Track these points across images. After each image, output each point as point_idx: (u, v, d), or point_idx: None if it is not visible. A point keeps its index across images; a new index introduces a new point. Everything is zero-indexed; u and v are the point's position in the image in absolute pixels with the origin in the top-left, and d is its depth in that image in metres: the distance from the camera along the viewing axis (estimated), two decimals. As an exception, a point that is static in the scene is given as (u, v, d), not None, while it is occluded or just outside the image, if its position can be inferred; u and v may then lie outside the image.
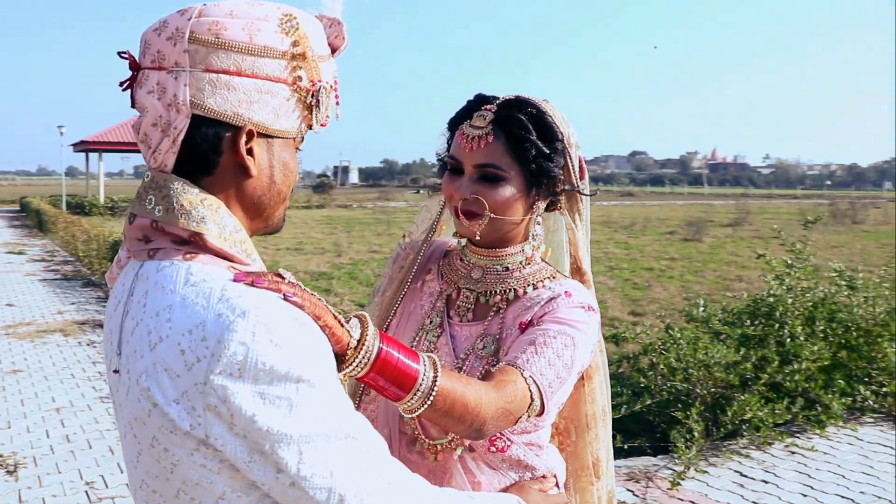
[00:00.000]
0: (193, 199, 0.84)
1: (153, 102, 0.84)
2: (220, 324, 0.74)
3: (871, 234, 20.19)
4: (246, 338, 0.74)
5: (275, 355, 0.74)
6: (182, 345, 0.75)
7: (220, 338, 0.74)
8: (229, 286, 0.78)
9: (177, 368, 0.75)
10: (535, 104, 1.19)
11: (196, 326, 0.75)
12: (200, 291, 0.78)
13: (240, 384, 0.73)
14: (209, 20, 0.83)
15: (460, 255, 1.32)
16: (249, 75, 0.84)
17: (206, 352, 0.74)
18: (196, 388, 0.74)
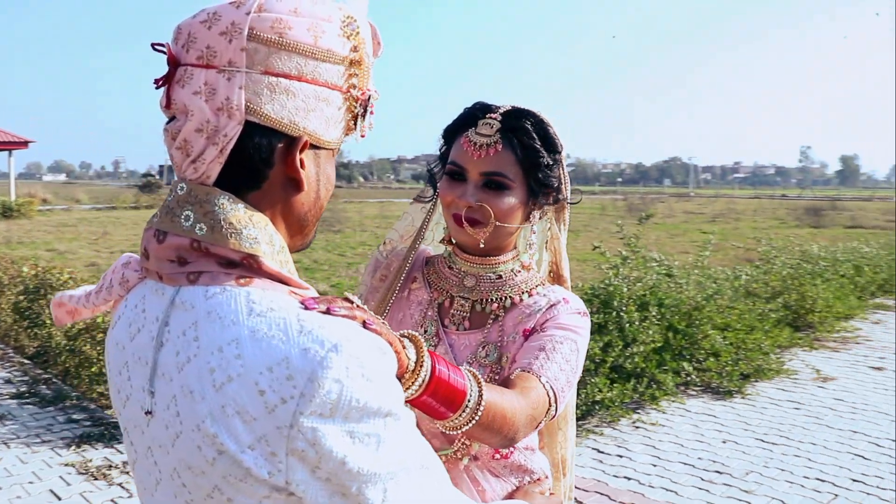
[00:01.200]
0: (242, 216, 0.75)
1: (200, 105, 0.74)
2: (308, 359, 0.66)
3: (662, 226, 22.70)
4: (340, 374, 0.66)
5: (368, 391, 0.68)
6: (260, 384, 0.66)
7: (311, 375, 0.66)
8: (305, 316, 0.70)
9: (254, 411, 0.66)
10: (536, 115, 1.22)
11: (277, 363, 0.66)
12: (273, 322, 0.69)
13: (330, 425, 0.66)
14: (272, 17, 0.74)
15: (447, 262, 1.31)
16: (310, 81, 0.76)
17: (294, 391, 0.65)
18: (279, 431, 0.66)
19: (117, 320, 0.85)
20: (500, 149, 1.18)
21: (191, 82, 0.75)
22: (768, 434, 4.50)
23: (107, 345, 0.88)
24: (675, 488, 3.72)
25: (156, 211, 0.82)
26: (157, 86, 0.78)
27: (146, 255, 0.80)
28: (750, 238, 14.52)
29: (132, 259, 0.88)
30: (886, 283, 9.68)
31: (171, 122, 0.78)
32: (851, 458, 4.12)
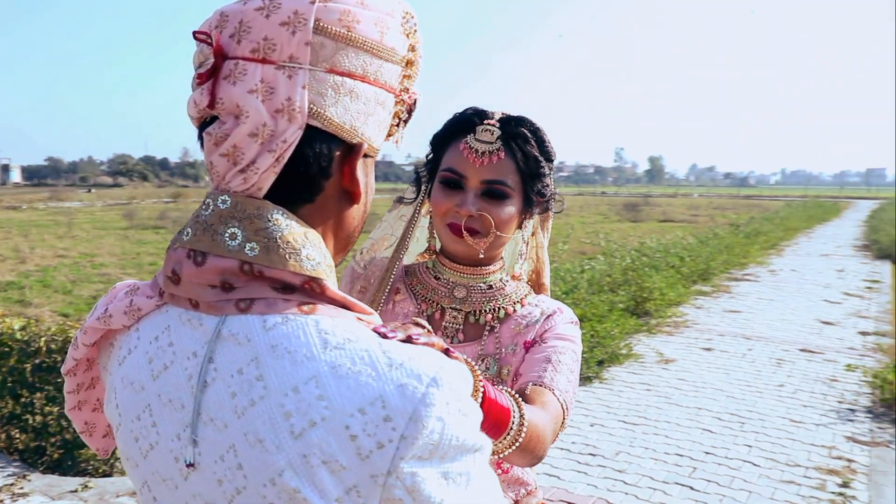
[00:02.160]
0: (298, 233, 0.67)
1: (256, 105, 0.64)
2: (407, 397, 0.59)
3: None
4: (442, 411, 0.59)
5: (465, 427, 0.61)
6: (352, 428, 0.58)
7: (413, 415, 0.58)
8: (388, 346, 0.62)
9: (344, 459, 0.58)
10: (532, 122, 1.20)
11: (370, 403, 0.58)
12: (355, 356, 0.61)
13: (428, 467, 0.59)
14: (340, 8, 0.66)
15: (433, 272, 1.26)
16: (372, 82, 0.69)
17: (394, 434, 0.58)
18: (373, 479, 0.58)
19: (126, 355, 0.72)
20: (503, 157, 1.16)
21: (244, 79, 0.65)
22: (628, 415, 4.87)
23: (111, 385, 0.74)
24: (557, 472, 3.91)
25: (184, 227, 0.70)
26: (199, 82, 0.67)
27: (175, 279, 0.68)
28: (586, 233, 15.58)
29: (139, 285, 0.75)
30: (704, 271, 10.86)
31: (214, 124, 0.67)
32: (700, 432, 4.58)
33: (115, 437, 0.75)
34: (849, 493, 3.72)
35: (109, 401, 0.75)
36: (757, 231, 17.41)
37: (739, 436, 4.51)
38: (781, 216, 23.74)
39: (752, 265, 12.91)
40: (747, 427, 4.66)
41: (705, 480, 3.84)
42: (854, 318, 8.26)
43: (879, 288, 10.53)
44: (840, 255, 14.85)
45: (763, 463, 4.09)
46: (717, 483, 3.81)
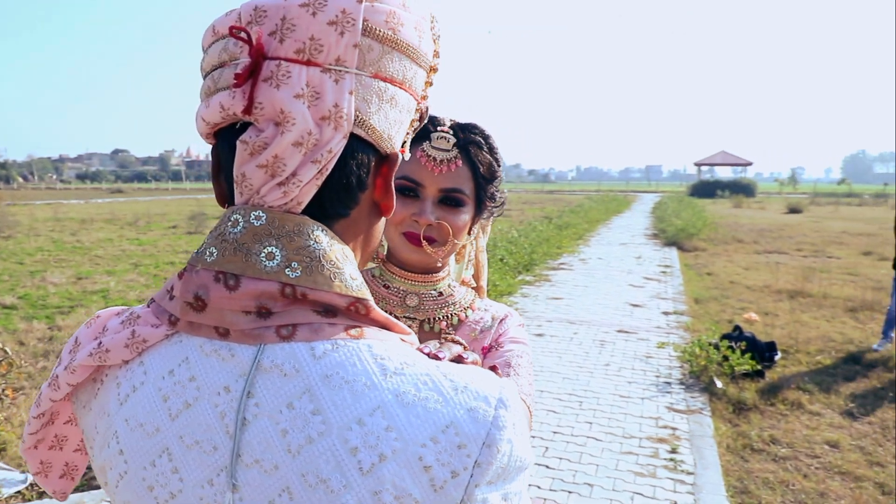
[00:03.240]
0: (339, 251, 0.63)
1: (302, 111, 0.59)
2: (478, 421, 0.57)
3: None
4: (511, 433, 0.58)
5: (525, 446, 0.60)
6: (425, 459, 0.55)
7: (486, 440, 0.57)
8: (446, 369, 0.60)
9: (417, 493, 0.55)
10: (482, 128, 1.21)
11: (442, 431, 0.56)
12: (417, 381, 0.58)
13: (495, 491, 0.58)
14: (386, 9, 0.62)
15: (382, 281, 1.24)
16: (407, 89, 0.66)
17: (468, 462, 0.56)
18: None
19: (130, 393, 0.63)
20: (460, 164, 1.16)
21: (289, 82, 0.59)
22: (480, 403, 5.08)
23: (109, 428, 0.64)
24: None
25: (204, 246, 0.63)
26: (237, 83, 0.59)
27: (198, 305, 0.61)
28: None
29: (137, 312, 0.66)
30: (528, 262, 11.58)
31: (249, 132, 0.61)
32: (546, 413, 4.90)
33: (112, 487, 0.65)
34: (678, 458, 4.19)
35: (104, 446, 0.65)
36: (567, 223, 18.87)
37: (580, 414, 4.89)
38: (584, 209, 25.92)
39: (565, 255, 13.99)
40: (585, 405, 5.07)
41: (557, 458, 4.13)
42: (656, 300, 9.28)
43: (672, 272, 11.91)
44: (636, 244, 16.56)
45: (604, 437, 4.48)
46: (569, 460, 4.11)
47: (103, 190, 67.69)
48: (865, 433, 4.74)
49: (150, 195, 55.81)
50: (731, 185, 46.88)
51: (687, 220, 19.18)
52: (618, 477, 3.89)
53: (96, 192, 56.87)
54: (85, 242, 15.29)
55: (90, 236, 16.63)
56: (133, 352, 0.64)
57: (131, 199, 47.07)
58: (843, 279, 11.09)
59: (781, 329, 7.48)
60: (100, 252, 13.60)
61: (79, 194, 52.27)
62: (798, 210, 30.64)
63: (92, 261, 12.41)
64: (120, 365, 0.65)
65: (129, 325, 0.65)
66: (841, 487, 3.94)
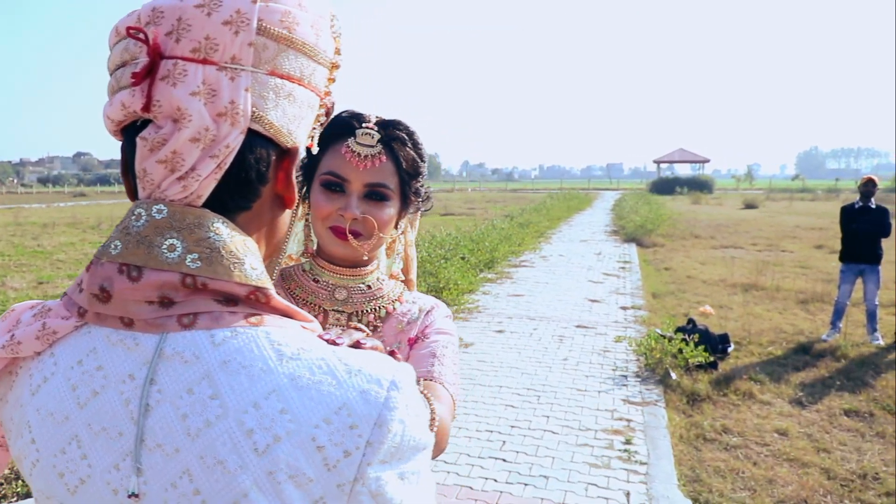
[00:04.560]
0: (240, 242, 0.65)
1: (198, 108, 0.61)
2: (370, 402, 0.59)
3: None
4: (403, 413, 0.60)
5: (420, 426, 0.63)
6: (318, 439, 0.57)
7: (378, 420, 0.59)
8: (342, 353, 0.63)
9: (311, 472, 0.57)
10: (407, 125, 1.23)
11: (335, 412, 0.58)
12: (312, 365, 0.60)
13: (389, 470, 0.60)
14: (281, 9, 0.64)
15: (311, 275, 1.25)
16: (307, 85, 0.68)
17: (360, 441, 0.58)
18: (340, 489, 0.58)
19: (41, 384, 0.65)
20: (385, 159, 1.18)
21: (183, 80, 0.61)
22: (439, 400, 5.09)
23: (22, 418, 0.66)
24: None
25: (109, 240, 0.65)
26: (134, 82, 0.61)
27: (103, 296, 0.62)
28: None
29: (49, 305, 0.68)
30: (490, 260, 11.64)
31: (148, 129, 0.63)
32: (504, 408, 4.94)
33: (27, 475, 0.66)
34: (632, 448, 4.27)
35: (19, 436, 0.66)
36: (528, 221, 19.02)
37: (538, 408, 4.94)
38: (547, 207, 26.17)
39: (526, 252, 14.10)
40: (543, 399, 5.13)
41: (515, 452, 4.16)
42: (615, 295, 9.42)
43: (630, 267, 12.11)
44: (596, 240, 16.80)
45: (560, 430, 4.53)
46: (525, 453, 4.15)
47: (66, 194, 66.21)
48: (813, 421, 4.89)
49: (114, 198, 54.86)
50: (689, 181, 47.80)
51: (646, 216, 19.51)
52: (573, 469, 3.95)
53: (58, 196, 55.39)
54: (46, 247, 14.93)
55: (52, 240, 16.21)
56: (44, 343, 0.66)
57: (94, 202, 46.31)
58: (796, 272, 11.40)
59: (735, 322, 7.67)
60: (61, 256, 13.29)
61: (40, 198, 50.66)
62: (754, 206, 31.42)
63: (53, 265, 12.10)
64: (33, 357, 0.67)
65: (41, 317, 0.67)
66: (789, 474, 4.05)
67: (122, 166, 0.68)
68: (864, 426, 4.80)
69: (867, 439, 4.58)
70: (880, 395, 5.38)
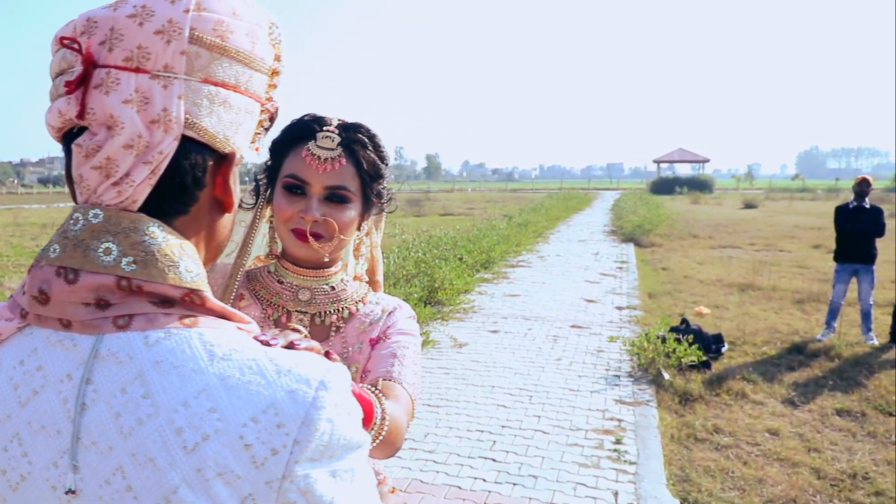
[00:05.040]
0: (175, 246, 0.66)
1: (131, 116, 0.63)
2: (298, 402, 0.61)
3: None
4: (331, 412, 0.62)
5: (350, 425, 0.64)
6: (246, 438, 0.59)
7: (304, 419, 0.60)
8: (274, 354, 0.64)
9: (239, 469, 0.59)
10: (368, 128, 1.25)
11: (263, 411, 0.60)
12: (243, 365, 0.62)
13: (319, 468, 0.62)
14: (214, 17, 0.66)
15: (276, 276, 1.27)
16: (243, 92, 0.70)
17: (287, 440, 0.60)
18: (269, 486, 0.59)
19: None
20: (344, 162, 1.19)
21: (118, 88, 0.63)
22: (431, 398, 5.10)
23: None
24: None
25: (49, 244, 0.67)
26: (68, 90, 0.63)
27: (42, 298, 0.64)
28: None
29: None
30: (486, 260, 11.65)
31: (84, 136, 0.65)
32: (496, 408, 4.94)
33: None
34: (622, 448, 4.27)
35: None
36: (527, 221, 19.03)
37: (529, 408, 4.95)
38: (545, 207, 26.17)
39: (524, 252, 14.11)
40: (535, 399, 5.13)
41: (504, 451, 4.17)
42: (611, 295, 9.43)
43: (627, 267, 12.11)
44: (594, 240, 16.80)
45: (551, 430, 4.54)
46: (515, 453, 4.16)
47: (66, 194, 66.09)
48: (805, 420, 4.89)
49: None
50: (689, 181, 47.78)
51: (644, 216, 19.50)
52: (562, 468, 3.95)
53: (59, 197, 55.26)
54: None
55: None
56: None
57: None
58: (793, 272, 11.41)
59: (730, 321, 7.67)
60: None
61: (41, 199, 50.52)
62: (753, 205, 31.42)
63: (46, 265, 12.07)
64: None
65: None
66: (778, 473, 4.06)
67: (66, 172, 0.70)
68: (855, 426, 4.80)
69: (858, 439, 4.59)
70: (873, 394, 5.39)
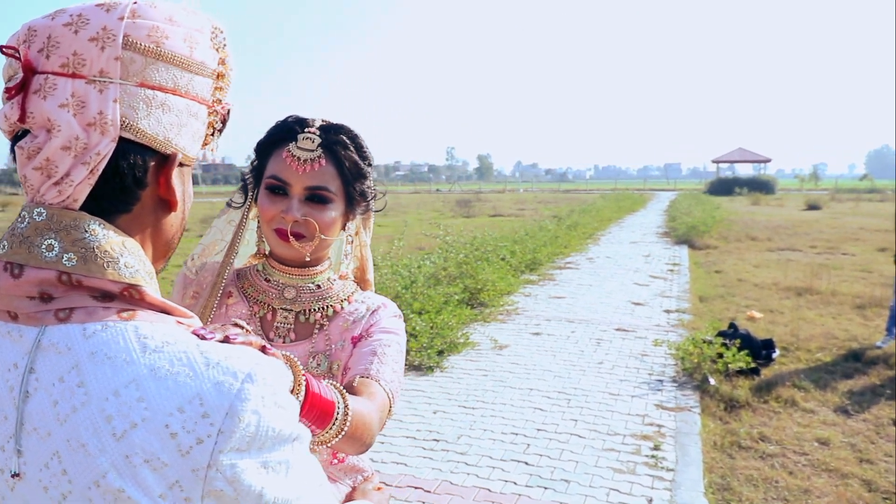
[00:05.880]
0: (116, 242, 0.70)
1: (67, 119, 0.67)
2: (223, 393, 0.63)
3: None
4: (258, 404, 0.64)
5: (281, 418, 0.67)
6: (172, 427, 0.62)
7: (230, 410, 0.63)
8: (206, 347, 0.67)
9: (165, 457, 0.62)
10: (350, 129, 1.25)
11: (188, 402, 0.62)
12: (173, 357, 0.64)
13: (247, 458, 0.64)
14: (148, 24, 0.70)
15: (264, 275, 1.30)
16: (183, 95, 0.73)
17: (212, 430, 0.62)
18: (195, 474, 0.62)
19: None
20: (324, 163, 1.21)
21: (55, 93, 0.67)
22: (468, 400, 5.09)
23: None
24: (404, 460, 4.01)
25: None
26: (8, 96, 0.68)
27: None
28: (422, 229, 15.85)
29: None
30: (532, 262, 11.56)
31: (26, 138, 0.69)
32: (533, 411, 4.89)
33: None
34: (659, 454, 4.17)
35: None
36: (576, 222, 18.79)
37: (566, 411, 4.88)
38: (597, 208, 25.79)
39: (573, 254, 13.94)
40: (573, 403, 5.06)
41: (538, 455, 4.12)
42: (660, 298, 9.22)
43: (679, 270, 11.82)
44: (646, 242, 16.46)
45: (587, 434, 4.46)
46: (549, 457, 4.10)
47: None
48: (858, 430, 4.67)
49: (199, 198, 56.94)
50: (749, 182, 46.24)
51: (699, 217, 19.01)
52: (596, 473, 3.88)
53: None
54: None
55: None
56: None
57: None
58: (855, 276, 10.92)
59: (784, 327, 7.40)
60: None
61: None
62: (817, 206, 30.20)
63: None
64: None
65: None
66: (826, 485, 3.89)
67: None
68: (913, 437, 4.56)
69: (915, 451, 4.35)
70: (934, 405, 5.11)
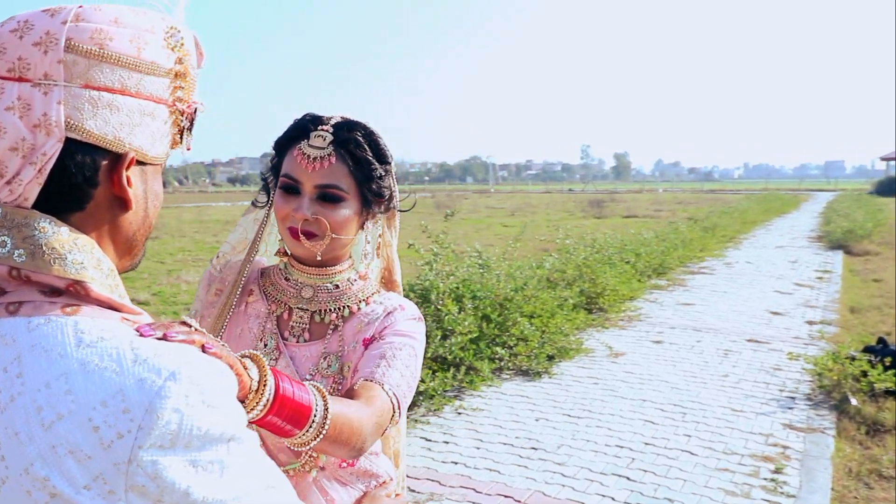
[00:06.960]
0: (66, 240, 0.72)
1: (13, 121, 0.70)
2: (145, 390, 0.64)
3: (468, 221, 23.80)
4: (179, 403, 0.65)
5: (209, 417, 0.67)
6: (94, 420, 0.63)
7: (148, 407, 0.63)
8: (139, 343, 0.67)
9: (88, 449, 0.63)
10: (366, 126, 1.23)
11: (111, 396, 0.63)
12: (104, 353, 0.66)
13: (171, 456, 0.64)
14: (91, 27, 0.71)
15: (284, 273, 1.30)
16: (134, 95, 0.74)
17: (132, 425, 0.63)
18: (116, 468, 0.63)
19: None
20: (334, 161, 1.19)
21: (2, 97, 0.70)
22: (573, 409, 4.92)
23: None
24: (498, 467, 3.94)
25: None
26: None
27: None
28: (547, 230, 15.62)
29: None
30: (660, 266, 11.02)
31: None
32: (643, 423, 4.64)
33: None
34: (781, 478, 3.80)
35: None
36: (714, 224, 17.71)
37: (680, 426, 4.58)
38: (740, 209, 24.17)
39: (708, 258, 13.14)
40: (689, 417, 4.74)
41: (642, 471, 3.90)
42: (803, 308, 8.46)
43: (830, 278, 10.79)
44: (795, 247, 15.19)
45: (700, 452, 4.16)
46: (654, 473, 3.87)
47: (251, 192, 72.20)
48: None
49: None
50: (925, 181, 41.38)
51: (858, 220, 17.26)
52: (704, 494, 3.60)
53: (244, 195, 58.87)
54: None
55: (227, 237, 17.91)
56: None
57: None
58: None
59: (950, 343, 6.50)
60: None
61: (227, 197, 54.41)
62: None
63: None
64: None
65: None
66: None
67: None
68: None
69: None
70: None
